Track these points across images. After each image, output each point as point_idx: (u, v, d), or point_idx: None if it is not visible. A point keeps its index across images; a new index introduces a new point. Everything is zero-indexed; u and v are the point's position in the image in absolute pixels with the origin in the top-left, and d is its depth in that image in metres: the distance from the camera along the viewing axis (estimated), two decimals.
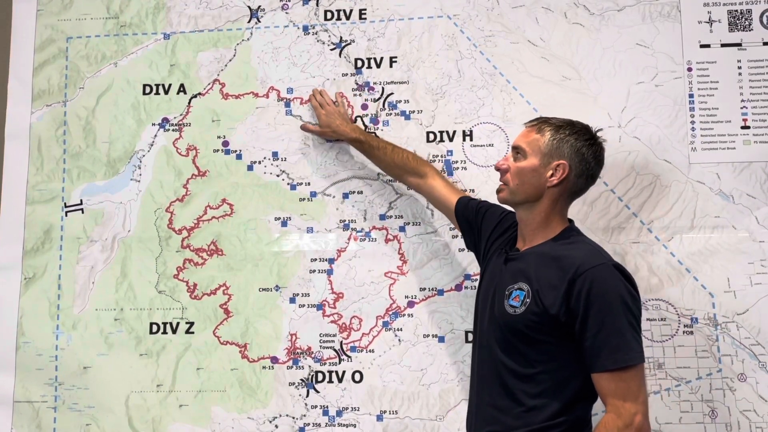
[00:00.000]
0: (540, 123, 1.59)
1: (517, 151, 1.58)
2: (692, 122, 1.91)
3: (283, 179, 2.02)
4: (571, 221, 1.60)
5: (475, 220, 1.75)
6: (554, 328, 1.44)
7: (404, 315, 1.94)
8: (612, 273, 1.43)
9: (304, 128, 2.00)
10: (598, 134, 1.59)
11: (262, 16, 2.09)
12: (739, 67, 1.92)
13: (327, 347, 1.95)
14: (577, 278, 1.42)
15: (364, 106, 2.02)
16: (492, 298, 1.56)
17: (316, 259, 1.98)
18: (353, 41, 2.05)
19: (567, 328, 1.43)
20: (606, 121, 1.90)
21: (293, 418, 1.94)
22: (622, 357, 1.39)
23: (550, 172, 1.53)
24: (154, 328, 2.00)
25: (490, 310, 1.55)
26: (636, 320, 1.43)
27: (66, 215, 2.07)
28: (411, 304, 1.94)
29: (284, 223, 2.01)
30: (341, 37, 2.05)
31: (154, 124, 2.08)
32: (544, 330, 1.45)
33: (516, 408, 1.47)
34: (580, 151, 1.54)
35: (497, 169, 1.62)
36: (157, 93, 2.10)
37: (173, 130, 2.08)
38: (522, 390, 1.47)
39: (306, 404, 1.94)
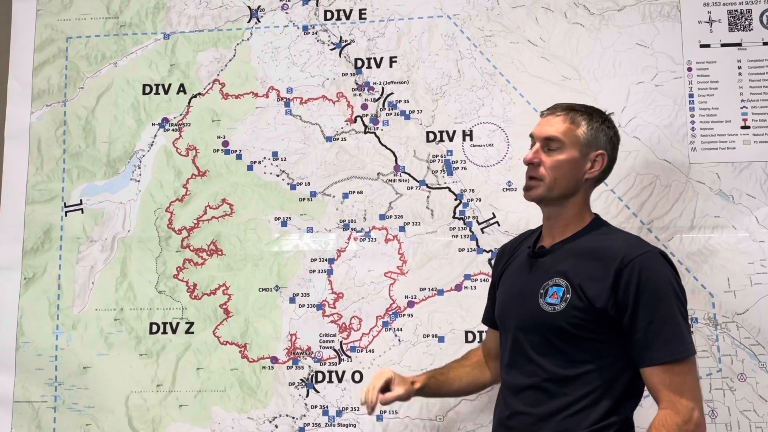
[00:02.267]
0: (568, 111, 1.48)
1: (552, 142, 1.45)
2: (692, 122, 1.91)
3: (283, 179, 2.02)
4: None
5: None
6: (600, 323, 1.36)
7: (404, 315, 1.94)
8: (660, 260, 1.37)
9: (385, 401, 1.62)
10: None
11: (261, 16, 2.09)
12: (739, 67, 1.92)
13: (327, 347, 1.95)
14: (624, 268, 1.35)
15: (364, 106, 2.02)
16: (520, 299, 1.47)
17: (316, 259, 1.98)
18: (353, 41, 2.05)
19: (615, 322, 1.36)
20: None
21: (293, 418, 1.94)
22: (676, 348, 1.31)
23: (590, 164, 1.45)
24: (154, 328, 2.00)
25: (519, 313, 1.46)
26: (685, 310, 1.37)
27: (66, 215, 2.07)
28: (411, 304, 1.94)
29: (284, 223, 2.01)
30: (341, 37, 2.05)
31: (153, 124, 2.08)
32: (589, 326, 1.36)
33: (561, 412, 1.38)
34: (612, 139, 1.49)
35: (528, 162, 1.47)
36: (157, 93, 2.10)
37: (173, 130, 2.08)
38: (566, 393, 1.38)
39: (306, 404, 1.94)
